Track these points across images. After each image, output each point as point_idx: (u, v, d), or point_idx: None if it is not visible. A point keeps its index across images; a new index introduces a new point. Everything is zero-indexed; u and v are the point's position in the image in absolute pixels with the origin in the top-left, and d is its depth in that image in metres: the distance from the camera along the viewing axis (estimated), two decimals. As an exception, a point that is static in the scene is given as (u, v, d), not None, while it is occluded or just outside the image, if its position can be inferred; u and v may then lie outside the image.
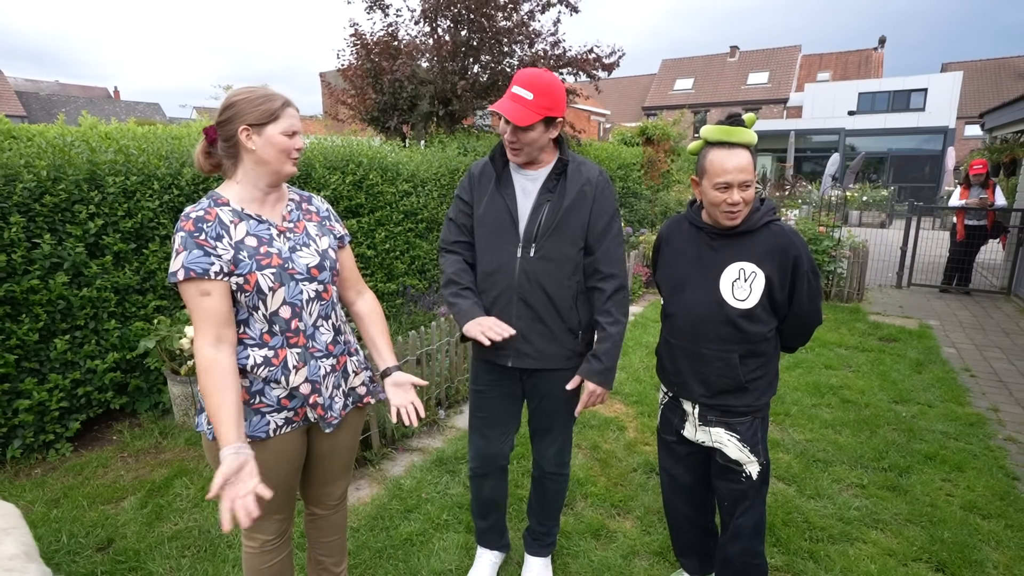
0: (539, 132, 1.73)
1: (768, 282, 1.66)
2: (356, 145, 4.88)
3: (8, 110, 28.62)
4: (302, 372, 1.48)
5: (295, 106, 1.47)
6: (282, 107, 1.42)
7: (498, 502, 2.17)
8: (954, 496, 2.71)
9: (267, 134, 1.40)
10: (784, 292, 1.68)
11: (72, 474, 2.87)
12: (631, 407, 3.71)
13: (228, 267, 1.37)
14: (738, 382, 1.71)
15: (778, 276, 1.66)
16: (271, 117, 1.40)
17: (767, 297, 1.67)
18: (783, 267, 1.66)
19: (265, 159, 1.42)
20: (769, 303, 1.69)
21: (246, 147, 1.41)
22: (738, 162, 1.61)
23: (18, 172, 2.77)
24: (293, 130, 1.44)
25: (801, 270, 1.67)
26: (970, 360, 4.68)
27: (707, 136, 1.69)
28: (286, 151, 1.43)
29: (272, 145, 1.41)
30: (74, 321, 3.02)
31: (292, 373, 1.46)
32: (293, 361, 1.46)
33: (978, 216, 6.99)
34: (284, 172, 1.47)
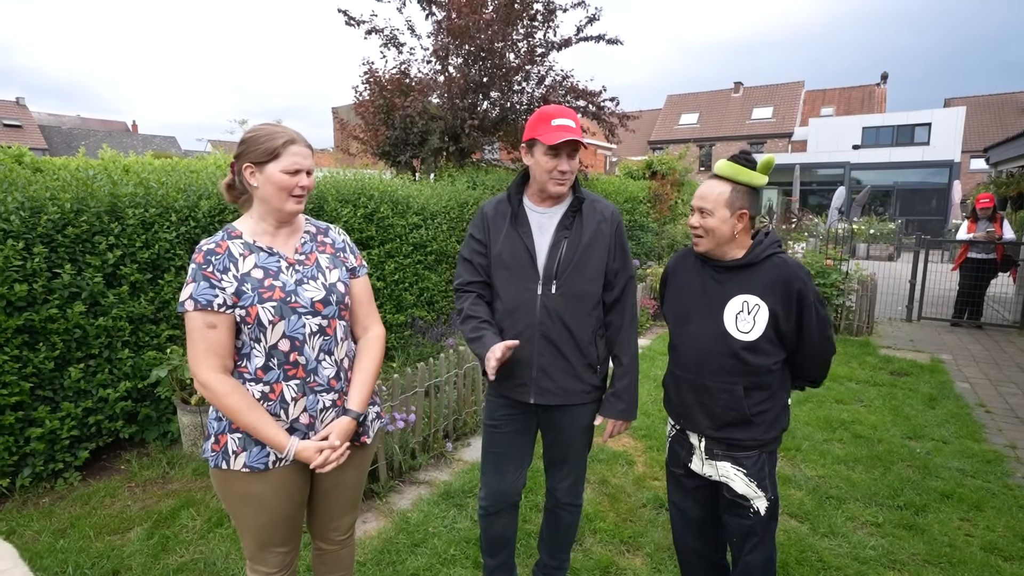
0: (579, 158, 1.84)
1: (772, 314, 1.68)
2: (367, 179, 4.99)
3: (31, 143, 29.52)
4: (300, 403, 1.49)
5: (304, 144, 1.49)
6: (284, 145, 1.44)
7: (508, 540, 2.15)
8: (973, 536, 2.64)
9: (267, 172, 1.44)
10: (790, 323, 1.69)
11: (79, 504, 2.87)
12: (639, 441, 3.67)
13: (231, 299, 1.41)
14: (743, 415, 1.72)
15: (782, 308, 1.68)
16: (271, 155, 1.44)
17: (772, 329, 1.69)
18: (787, 299, 1.68)
19: (265, 196, 1.46)
20: (775, 335, 1.70)
21: (250, 184, 1.46)
22: (703, 190, 1.74)
23: (44, 204, 2.86)
24: (296, 168, 1.45)
25: (807, 301, 1.68)
26: (984, 395, 4.61)
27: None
28: (286, 188, 1.45)
29: (272, 183, 1.44)
30: (89, 350, 3.06)
31: (291, 406, 1.48)
32: (291, 394, 1.48)
33: (986, 249, 6.98)
34: (286, 210, 1.48)
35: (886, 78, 32.51)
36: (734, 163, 1.71)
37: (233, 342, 1.45)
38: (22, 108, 33.38)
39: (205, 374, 1.40)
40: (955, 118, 23.09)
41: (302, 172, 1.48)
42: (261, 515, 1.53)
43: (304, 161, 1.48)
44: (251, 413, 1.41)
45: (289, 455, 1.45)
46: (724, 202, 1.69)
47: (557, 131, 1.74)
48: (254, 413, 1.42)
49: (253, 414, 1.41)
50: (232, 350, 1.46)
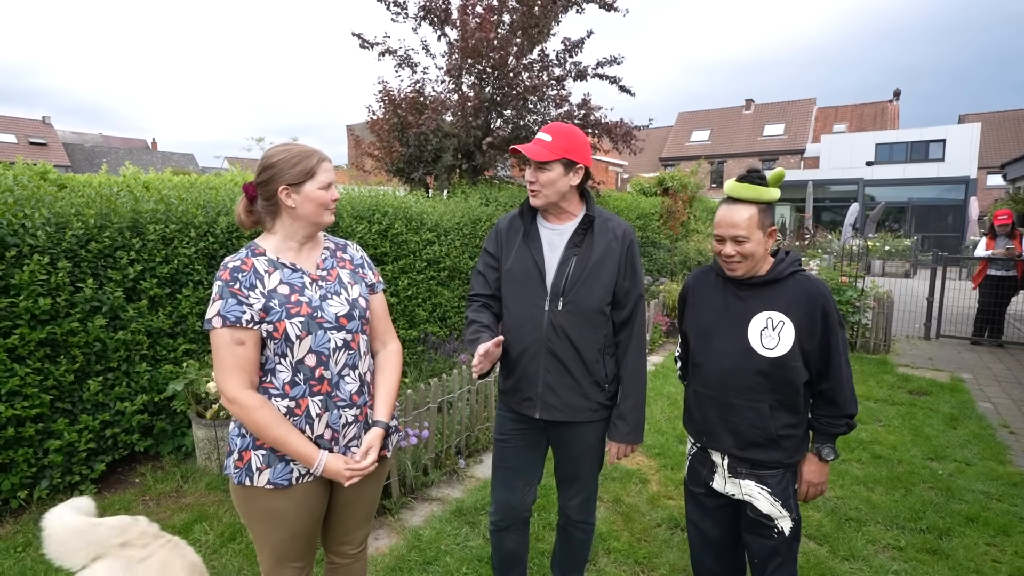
0: (558, 173, 1.79)
1: (798, 331, 1.67)
2: (382, 195, 5.05)
3: (55, 160, 30.33)
4: (324, 418, 1.50)
5: (328, 159, 1.55)
6: (318, 163, 1.50)
7: (520, 556, 2.12)
8: (1001, 562, 2.56)
9: (305, 191, 1.48)
10: (814, 342, 1.67)
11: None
12: (653, 459, 3.63)
13: (259, 315, 1.43)
14: (769, 435, 1.70)
15: (807, 325, 1.67)
16: (308, 175, 1.48)
17: (798, 346, 1.67)
18: (811, 315, 1.67)
19: (304, 214, 1.50)
20: (801, 353, 1.68)
21: (286, 205, 1.49)
22: (731, 217, 1.70)
23: (69, 220, 2.93)
24: (328, 182, 1.52)
25: (831, 319, 1.67)
26: (1008, 416, 4.50)
27: (724, 190, 1.78)
28: (324, 204, 1.51)
29: (311, 201, 1.49)
30: (108, 363, 3.11)
31: (316, 421, 1.49)
32: (316, 409, 1.49)
33: (1006, 267, 6.87)
34: (323, 223, 1.54)
35: (898, 95, 32.40)
36: (750, 184, 1.70)
37: (259, 358, 1.47)
38: (47, 127, 34.34)
39: (234, 390, 1.41)
40: (970, 134, 22.91)
41: (332, 186, 1.53)
42: (281, 531, 1.53)
43: (332, 175, 1.54)
44: (279, 427, 1.42)
45: (318, 469, 1.46)
46: (756, 224, 1.69)
47: (527, 144, 1.80)
48: (283, 427, 1.43)
49: (282, 428, 1.43)
50: (258, 366, 1.47)
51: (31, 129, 33.46)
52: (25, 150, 30.69)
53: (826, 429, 1.73)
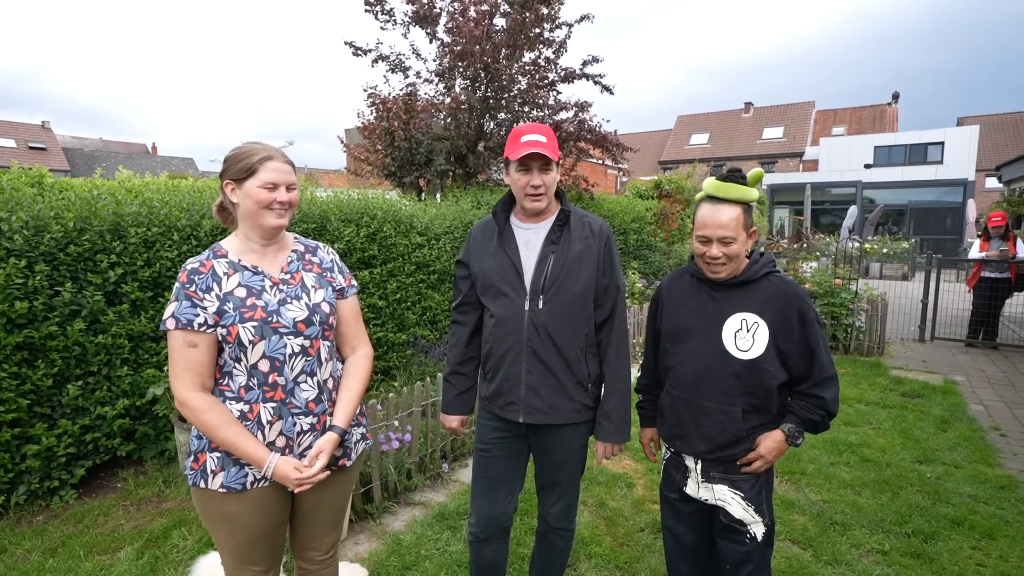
0: (556, 173, 1.82)
1: (773, 333, 1.65)
2: (371, 198, 5.04)
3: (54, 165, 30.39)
4: (276, 426, 1.48)
5: (282, 160, 1.51)
6: (260, 161, 1.46)
7: (499, 567, 2.10)
8: (985, 566, 2.53)
9: (246, 188, 1.46)
10: (792, 343, 1.65)
11: (73, 522, 2.86)
12: (640, 463, 3.60)
13: (212, 319, 1.41)
14: (739, 437, 1.67)
15: (782, 326, 1.65)
16: (248, 172, 1.46)
17: (773, 348, 1.65)
18: (786, 316, 1.65)
19: (245, 212, 1.48)
20: (776, 355, 1.66)
21: (231, 200, 1.49)
22: (719, 218, 1.65)
23: (47, 223, 2.92)
24: (273, 183, 1.46)
25: (808, 318, 1.65)
26: (999, 418, 4.47)
27: (704, 189, 1.73)
28: (263, 203, 1.46)
29: (250, 198, 1.46)
30: (88, 367, 3.09)
31: (267, 427, 1.47)
32: (267, 416, 1.47)
33: (1000, 268, 6.85)
34: (267, 225, 1.49)
35: (897, 97, 32.42)
36: (735, 183, 1.67)
37: (213, 361, 1.46)
38: (47, 131, 34.43)
39: (183, 392, 1.40)
40: (969, 137, 22.90)
41: (280, 187, 1.48)
42: (238, 534, 1.51)
43: (282, 176, 1.49)
44: (229, 429, 1.40)
45: (268, 471, 1.43)
46: (742, 225, 1.66)
47: (524, 146, 1.75)
48: (232, 429, 1.41)
49: (231, 430, 1.41)
50: (212, 369, 1.46)
51: (30, 134, 33.55)
52: (24, 155, 30.76)
53: (804, 414, 1.67)
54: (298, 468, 1.44)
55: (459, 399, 2.03)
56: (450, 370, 2.02)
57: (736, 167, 1.75)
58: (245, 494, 1.47)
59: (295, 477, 1.43)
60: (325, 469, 1.51)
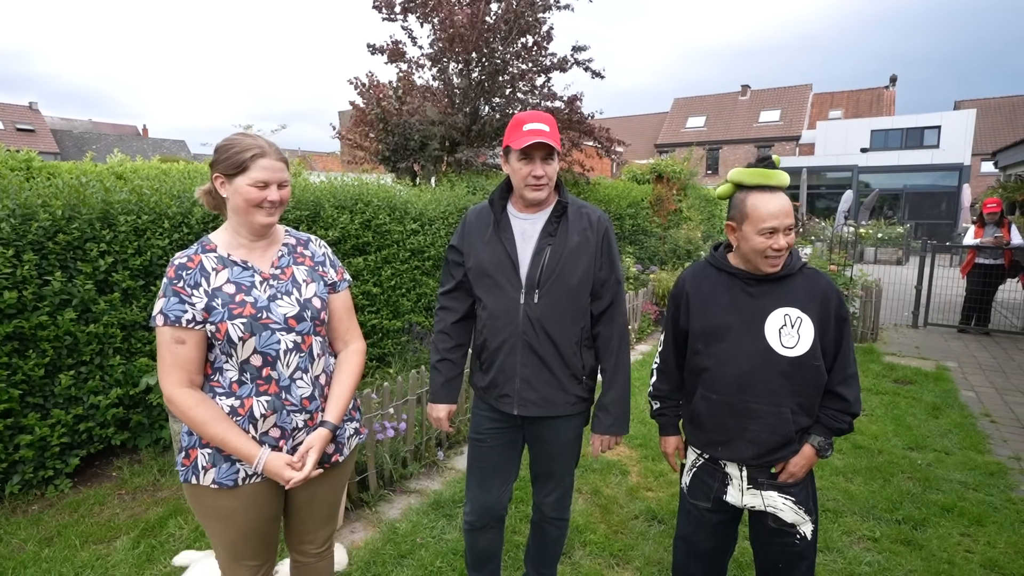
0: (557, 163, 1.78)
1: (816, 327, 1.59)
2: (365, 185, 4.98)
3: (43, 147, 29.95)
4: (270, 420, 1.47)
5: (276, 156, 1.46)
6: (252, 158, 1.41)
7: (494, 555, 2.12)
8: (973, 552, 2.57)
9: (236, 184, 1.42)
10: (827, 338, 1.61)
11: (68, 511, 2.86)
12: (635, 450, 3.62)
13: (201, 315, 1.39)
14: (790, 440, 1.61)
15: (823, 321, 1.60)
16: (239, 168, 1.41)
17: (819, 344, 1.59)
18: (826, 310, 1.60)
19: (234, 208, 1.45)
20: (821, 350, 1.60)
21: (221, 195, 1.45)
22: (782, 205, 1.58)
23: (35, 211, 2.87)
24: (263, 181, 1.42)
25: (844, 314, 1.62)
26: (990, 405, 4.52)
27: (742, 179, 1.64)
28: (253, 202, 1.43)
29: (239, 195, 1.42)
30: (80, 356, 3.06)
31: (259, 422, 1.46)
32: (260, 410, 1.45)
33: (994, 255, 6.87)
34: (256, 222, 1.46)
35: (895, 81, 32.23)
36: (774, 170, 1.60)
37: (202, 357, 1.44)
38: (35, 113, 33.85)
39: (170, 389, 1.38)
40: (965, 121, 22.85)
41: (272, 185, 1.45)
42: (231, 530, 1.51)
43: (274, 175, 1.45)
44: (218, 425, 1.39)
45: (259, 466, 1.42)
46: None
47: (527, 135, 1.70)
48: (221, 425, 1.39)
49: (220, 425, 1.39)
50: (200, 365, 1.44)
51: (18, 115, 32.99)
52: (12, 137, 30.27)
53: (831, 424, 1.63)
54: (290, 464, 1.43)
55: (446, 387, 1.99)
56: (439, 357, 1.98)
57: (767, 154, 1.68)
58: (238, 490, 1.46)
59: (287, 475, 1.42)
60: (317, 465, 1.50)
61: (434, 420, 2.02)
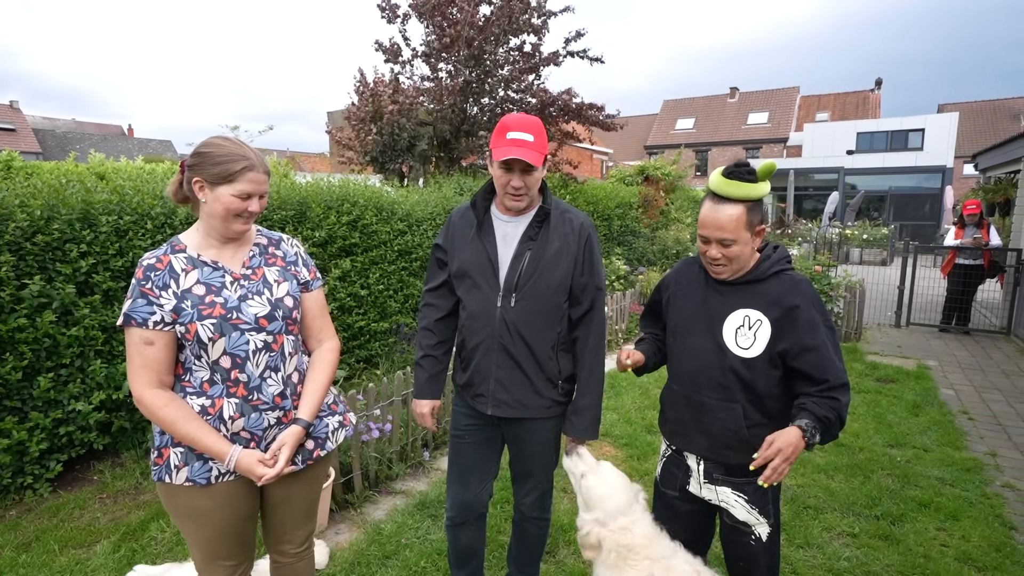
0: (540, 173, 1.76)
1: (775, 331, 1.58)
2: (352, 185, 4.97)
3: (25, 147, 29.46)
4: (239, 422, 1.47)
5: (262, 169, 1.46)
6: (241, 171, 1.42)
7: (476, 551, 2.12)
8: (948, 546, 2.62)
9: (218, 192, 1.42)
10: (797, 343, 1.55)
11: (47, 516, 2.83)
12: (620, 449, 3.65)
13: (170, 316, 1.39)
14: (741, 437, 1.61)
15: (787, 325, 1.57)
16: (226, 179, 1.41)
17: (774, 346, 1.58)
18: (792, 315, 1.56)
19: (211, 213, 1.45)
20: (777, 354, 1.58)
21: (198, 198, 1.44)
22: (718, 218, 1.55)
23: (12, 211, 2.83)
24: (248, 193, 1.43)
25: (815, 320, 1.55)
26: (968, 402, 4.60)
27: (709, 184, 1.63)
28: (233, 211, 1.43)
29: (220, 203, 1.42)
30: (60, 359, 3.02)
31: (229, 423, 1.46)
32: (229, 411, 1.45)
33: (974, 256, 6.99)
34: (231, 230, 1.47)
35: (880, 84, 32.67)
36: (737, 180, 1.54)
37: (171, 358, 1.44)
38: (16, 111, 33.30)
39: (139, 389, 1.38)
40: (948, 124, 23.23)
41: (254, 197, 1.45)
42: (205, 529, 1.50)
43: (258, 187, 1.45)
44: (188, 424, 1.39)
45: (231, 464, 1.42)
46: (743, 225, 1.55)
47: (508, 146, 1.69)
48: (191, 423, 1.40)
49: (191, 424, 1.39)
50: (170, 366, 1.44)
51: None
52: (-7, 137, 29.76)
53: (819, 411, 1.49)
54: (261, 461, 1.43)
55: (430, 382, 2.00)
56: (422, 354, 2.00)
57: (743, 160, 1.62)
58: (211, 488, 1.46)
59: (259, 471, 1.42)
60: (292, 462, 1.50)
61: (418, 416, 2.03)
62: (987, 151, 8.69)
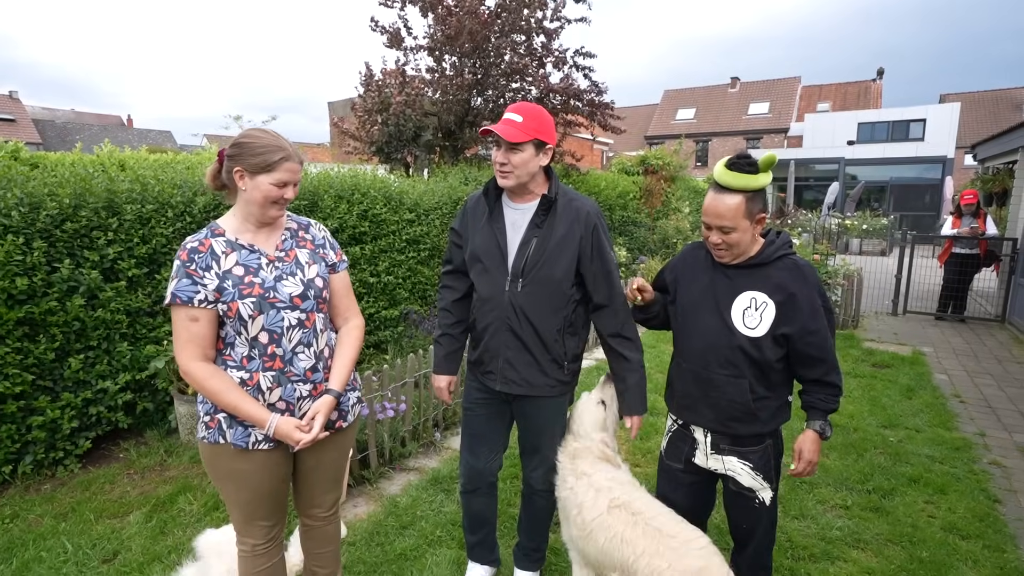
0: (529, 155, 1.82)
1: (779, 313, 1.71)
2: (361, 175, 5.07)
3: (25, 137, 29.42)
4: (276, 392, 1.59)
5: (297, 160, 1.58)
6: (279, 161, 1.53)
7: (488, 517, 2.26)
8: (935, 517, 2.77)
9: (258, 181, 1.54)
10: (797, 325, 1.70)
11: (80, 490, 2.97)
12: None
13: (213, 295, 1.51)
14: (747, 408, 1.75)
15: (790, 308, 1.71)
16: (265, 168, 1.53)
17: (779, 328, 1.71)
18: (794, 299, 1.70)
19: (250, 200, 1.56)
20: (782, 335, 1.72)
21: (238, 186, 1.56)
22: (717, 207, 1.69)
23: (42, 200, 2.95)
24: (284, 182, 1.55)
25: (816, 304, 1.71)
26: (961, 386, 4.74)
27: (713, 174, 1.76)
28: (271, 199, 1.56)
29: (259, 191, 1.54)
30: (88, 342, 3.16)
31: (266, 393, 1.58)
32: (266, 384, 1.58)
33: (970, 245, 7.11)
34: (267, 215, 1.59)
35: (882, 74, 32.54)
36: (738, 171, 1.66)
37: (214, 334, 1.56)
38: (15, 102, 33.20)
39: (186, 362, 1.51)
40: (950, 114, 23.19)
41: (289, 185, 1.57)
42: (244, 491, 1.64)
43: (293, 176, 1.57)
44: (231, 393, 1.52)
45: (270, 431, 1.55)
46: (743, 214, 1.67)
47: (497, 123, 1.82)
48: (234, 393, 1.52)
49: (234, 394, 1.52)
50: (213, 341, 1.56)
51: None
52: (-7, 127, 29.72)
53: (824, 407, 1.77)
54: (299, 427, 1.57)
55: (447, 359, 2.15)
56: (440, 332, 2.15)
57: (744, 152, 1.73)
58: (251, 454, 1.59)
59: (296, 436, 1.55)
60: (324, 429, 1.64)
61: (436, 390, 2.19)
62: (985, 141, 8.77)
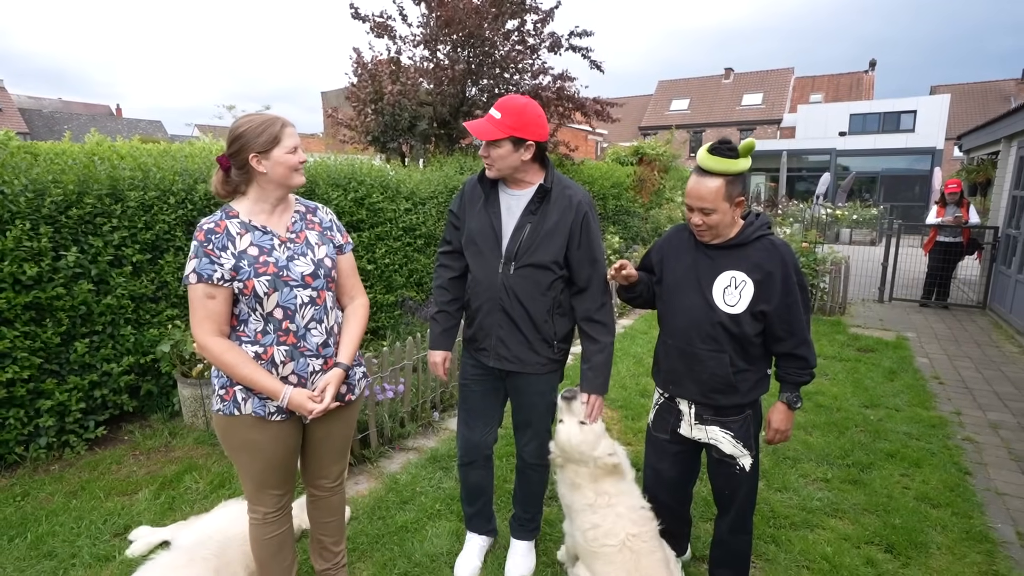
0: (507, 150, 1.91)
1: (757, 291, 1.82)
2: (358, 164, 5.14)
3: (12, 126, 29.04)
4: (289, 366, 1.69)
5: (291, 124, 1.68)
6: (282, 129, 1.63)
7: (484, 489, 2.37)
8: (909, 488, 2.92)
9: (274, 156, 1.63)
10: (774, 302, 1.82)
11: (88, 470, 3.06)
12: (616, 411, 3.92)
13: (229, 274, 1.60)
14: (728, 381, 1.88)
15: (767, 286, 1.82)
16: (275, 142, 1.62)
17: (757, 305, 1.83)
18: (772, 277, 1.82)
19: (275, 178, 1.65)
20: (760, 312, 1.83)
21: (258, 171, 1.64)
22: (698, 189, 1.81)
23: (46, 187, 3.01)
24: (294, 146, 1.65)
25: (791, 281, 1.82)
26: (940, 369, 4.91)
27: (696, 159, 1.87)
28: (292, 167, 1.66)
29: (280, 164, 1.63)
30: (93, 326, 3.23)
31: (280, 367, 1.68)
32: (280, 357, 1.67)
33: (954, 233, 7.27)
34: (293, 183, 1.69)
35: (874, 65, 32.72)
36: (719, 156, 1.75)
37: (229, 311, 1.65)
38: (1, 91, 32.75)
39: (203, 337, 1.60)
40: (940, 106, 23.39)
41: (299, 148, 1.67)
42: (258, 461, 1.73)
43: (297, 139, 1.68)
44: (247, 367, 1.61)
45: (284, 401, 1.64)
46: (722, 196, 1.77)
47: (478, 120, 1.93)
48: (249, 366, 1.62)
49: (249, 367, 1.61)
50: (228, 318, 1.65)
51: (-15, 94, 31.84)
52: (-20, 116, 29.31)
53: (794, 379, 1.90)
54: (311, 398, 1.66)
55: (443, 335, 2.24)
56: (436, 309, 2.24)
57: (726, 138, 1.85)
58: (265, 424, 1.69)
59: (309, 406, 1.65)
60: (334, 401, 1.74)
61: (431, 365, 2.28)
62: (970, 132, 8.93)
